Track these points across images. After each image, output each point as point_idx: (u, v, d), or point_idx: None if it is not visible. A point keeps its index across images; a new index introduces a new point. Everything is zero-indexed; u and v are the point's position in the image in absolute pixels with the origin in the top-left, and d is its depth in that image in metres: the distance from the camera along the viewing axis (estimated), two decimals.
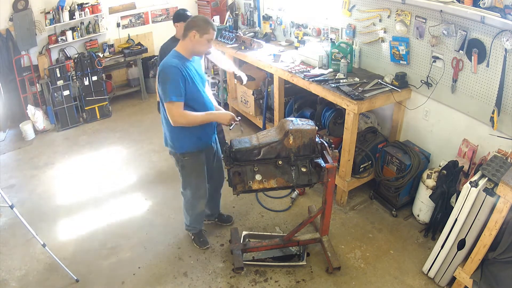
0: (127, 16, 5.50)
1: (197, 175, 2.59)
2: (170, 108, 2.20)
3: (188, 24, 2.25)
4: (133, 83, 5.71)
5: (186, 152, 2.47)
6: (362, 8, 3.39)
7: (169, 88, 2.16)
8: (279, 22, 4.58)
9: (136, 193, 3.60)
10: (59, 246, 2.94)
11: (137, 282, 2.64)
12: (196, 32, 2.21)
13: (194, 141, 2.44)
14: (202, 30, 2.22)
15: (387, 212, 3.25)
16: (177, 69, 2.17)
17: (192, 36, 2.22)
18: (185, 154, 2.47)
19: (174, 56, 2.25)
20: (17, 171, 4.02)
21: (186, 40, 2.25)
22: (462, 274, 2.34)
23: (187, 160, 2.50)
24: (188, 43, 2.25)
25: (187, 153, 2.47)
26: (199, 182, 2.63)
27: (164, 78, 2.18)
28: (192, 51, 2.29)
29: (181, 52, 2.28)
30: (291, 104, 3.99)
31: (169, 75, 2.16)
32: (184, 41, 2.27)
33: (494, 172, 2.18)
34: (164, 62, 2.22)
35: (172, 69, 2.17)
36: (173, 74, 2.16)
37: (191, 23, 2.24)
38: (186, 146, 2.45)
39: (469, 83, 2.72)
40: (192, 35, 2.22)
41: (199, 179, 2.62)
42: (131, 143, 4.51)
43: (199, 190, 2.66)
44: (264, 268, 2.72)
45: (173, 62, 2.19)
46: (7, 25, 4.54)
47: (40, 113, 4.76)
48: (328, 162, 2.27)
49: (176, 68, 2.17)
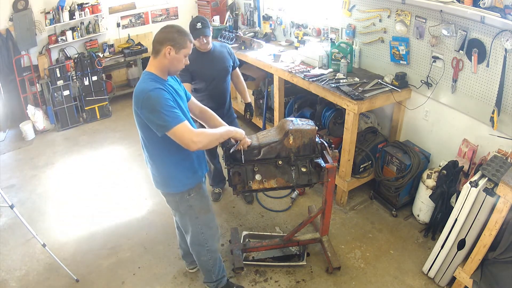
0: (127, 16, 5.50)
1: (206, 210, 2.20)
2: (180, 134, 1.78)
3: (159, 38, 1.84)
4: (133, 83, 5.71)
5: (190, 189, 2.08)
6: (362, 8, 3.39)
7: (166, 113, 1.75)
8: (279, 22, 4.58)
9: (136, 193, 3.61)
10: (59, 246, 2.94)
11: (137, 282, 2.65)
12: (171, 47, 1.82)
13: (191, 175, 2.07)
14: (178, 44, 1.83)
15: (387, 212, 3.25)
16: (162, 90, 1.80)
17: (166, 53, 1.82)
18: (190, 191, 2.08)
19: (150, 79, 1.84)
20: (17, 171, 4.02)
21: (160, 58, 1.85)
22: (462, 274, 2.34)
23: (194, 197, 2.10)
24: (163, 61, 1.85)
25: (191, 189, 2.08)
26: (210, 217, 2.24)
27: (152, 105, 1.75)
28: (168, 70, 1.90)
29: (155, 73, 1.87)
30: (291, 104, 3.99)
31: (157, 99, 1.76)
32: (157, 59, 1.86)
33: (494, 172, 2.18)
34: (142, 88, 1.80)
35: (157, 92, 1.77)
36: (161, 97, 1.77)
37: (163, 36, 1.84)
38: (187, 182, 2.06)
39: (469, 83, 2.72)
40: (166, 51, 1.82)
41: (209, 214, 2.22)
42: (131, 143, 4.51)
43: (212, 228, 2.27)
44: (264, 268, 2.72)
45: (153, 85, 1.80)
46: (7, 25, 4.54)
47: (40, 113, 4.76)
48: (328, 162, 2.27)
49: (161, 90, 1.80)
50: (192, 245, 2.29)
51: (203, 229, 2.20)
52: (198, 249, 2.29)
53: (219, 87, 2.95)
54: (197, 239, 2.24)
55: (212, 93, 2.93)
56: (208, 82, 2.88)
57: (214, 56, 2.88)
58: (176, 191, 2.06)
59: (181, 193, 2.06)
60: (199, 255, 2.32)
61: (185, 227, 2.24)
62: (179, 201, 2.09)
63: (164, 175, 2.05)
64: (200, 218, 2.16)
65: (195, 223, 2.17)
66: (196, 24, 2.73)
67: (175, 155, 1.97)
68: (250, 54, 4.07)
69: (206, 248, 2.27)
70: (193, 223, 2.17)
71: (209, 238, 2.25)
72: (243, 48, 4.24)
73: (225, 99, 3.04)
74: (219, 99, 2.99)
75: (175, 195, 2.08)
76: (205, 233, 2.22)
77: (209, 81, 2.88)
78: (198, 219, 2.16)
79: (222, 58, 2.92)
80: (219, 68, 2.90)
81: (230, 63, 2.98)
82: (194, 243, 2.27)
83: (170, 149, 1.94)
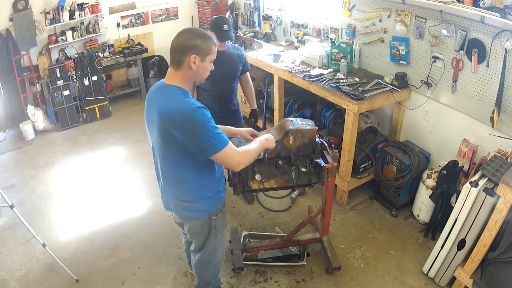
0: (127, 16, 5.49)
1: (224, 227, 2.09)
2: (227, 158, 1.66)
3: (179, 47, 1.63)
4: (133, 83, 5.72)
5: (218, 209, 1.95)
6: (362, 8, 3.39)
7: (212, 135, 1.59)
8: (279, 22, 4.58)
9: (137, 193, 3.61)
10: (59, 246, 2.94)
11: (137, 282, 2.64)
12: (196, 55, 1.62)
13: (218, 194, 1.94)
14: (202, 51, 1.63)
15: (387, 212, 3.25)
16: (203, 109, 1.61)
17: (191, 63, 1.63)
18: (217, 211, 1.94)
19: (183, 95, 1.65)
20: (17, 171, 4.02)
21: (184, 70, 1.65)
22: (462, 274, 2.34)
23: (219, 217, 1.97)
24: (187, 73, 1.66)
25: (218, 209, 1.95)
26: (225, 232, 2.13)
27: (196, 128, 1.57)
28: (194, 81, 1.72)
29: (182, 87, 1.68)
30: (291, 104, 3.99)
31: (201, 122, 1.58)
32: (180, 71, 1.65)
33: (494, 172, 2.18)
34: (179, 108, 1.59)
35: (200, 112, 1.58)
36: (204, 118, 1.58)
37: (184, 44, 1.62)
38: (216, 202, 1.93)
39: (469, 83, 2.72)
40: (191, 61, 1.62)
41: (225, 229, 2.12)
42: (131, 143, 4.51)
43: (224, 242, 2.18)
44: (264, 268, 2.72)
45: (192, 104, 1.60)
46: (7, 25, 4.54)
47: (40, 113, 4.76)
48: (328, 162, 2.27)
49: (202, 109, 1.60)
50: (200, 262, 2.13)
51: (218, 246, 2.07)
52: (204, 265, 2.14)
53: (224, 89, 2.89)
54: (207, 256, 2.09)
55: (216, 94, 2.86)
56: (213, 82, 2.78)
57: (225, 57, 2.78)
58: (205, 215, 1.90)
59: (208, 215, 1.91)
60: (203, 270, 2.17)
61: (200, 247, 2.05)
62: (206, 223, 1.93)
63: (193, 200, 1.86)
64: (218, 236, 2.03)
65: (212, 242, 2.02)
66: (223, 25, 2.63)
67: (204, 177, 1.84)
68: (250, 54, 4.07)
69: (213, 263, 2.14)
70: (211, 242, 2.02)
71: (218, 254, 2.12)
72: (243, 48, 4.24)
73: (230, 101, 2.97)
74: (224, 101, 2.92)
75: (201, 219, 1.91)
76: (217, 249, 2.09)
77: (214, 81, 2.77)
78: (217, 237, 2.03)
79: (231, 61, 2.85)
80: (227, 70, 2.83)
81: (239, 67, 2.90)
82: (203, 260, 2.11)
83: (200, 172, 1.80)
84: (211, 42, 1.67)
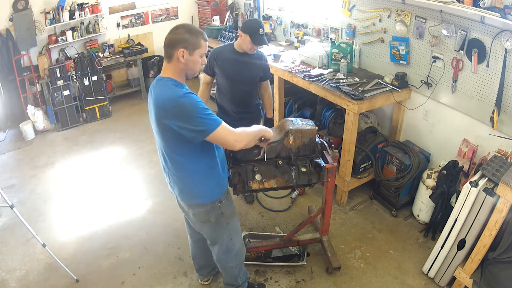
0: (127, 16, 5.50)
1: (234, 214, 2.15)
2: (223, 136, 1.71)
3: (170, 41, 1.71)
4: (133, 83, 5.72)
5: (222, 196, 2.00)
6: (362, 8, 3.39)
7: (203, 117, 1.65)
8: (279, 22, 4.59)
9: (137, 193, 3.61)
10: (59, 246, 2.94)
11: (137, 282, 2.64)
12: (184, 49, 1.69)
13: (220, 183, 1.99)
14: (190, 45, 1.70)
15: (387, 212, 3.25)
16: (191, 94, 1.70)
17: (179, 56, 1.70)
18: (222, 198, 2.00)
19: (173, 85, 1.72)
20: (17, 171, 4.02)
21: (174, 62, 1.73)
22: (462, 274, 2.34)
23: (224, 204, 2.02)
24: (178, 65, 1.73)
25: (222, 196, 2.01)
26: (237, 220, 2.19)
27: (187, 112, 1.64)
28: (185, 73, 1.78)
29: (174, 78, 1.76)
30: (291, 104, 3.99)
31: (191, 105, 1.65)
32: (171, 63, 1.74)
33: (494, 172, 2.18)
34: (169, 96, 1.68)
35: (188, 97, 1.67)
36: (194, 101, 1.67)
37: (173, 38, 1.71)
38: (218, 190, 1.99)
39: (469, 83, 2.72)
40: (179, 54, 1.69)
41: (236, 217, 2.17)
42: (131, 143, 4.51)
43: (239, 231, 2.24)
44: (264, 268, 2.72)
45: (181, 91, 1.69)
46: (7, 25, 4.54)
47: (40, 113, 4.76)
48: (328, 162, 2.27)
49: (190, 94, 1.70)
50: (220, 255, 2.18)
51: (232, 235, 2.14)
52: (226, 258, 2.19)
53: (241, 92, 2.87)
54: (226, 247, 2.15)
55: (233, 95, 2.86)
56: (230, 81, 2.80)
57: (247, 61, 2.77)
58: (207, 202, 1.96)
59: (212, 202, 1.96)
60: (226, 263, 2.23)
61: (215, 238, 2.13)
62: (210, 210, 1.98)
63: (194, 187, 1.93)
64: (230, 223, 2.09)
65: (225, 231, 2.09)
66: (259, 29, 2.62)
67: (204, 164, 1.88)
68: None
69: (234, 253, 2.19)
70: (223, 231, 2.09)
71: (236, 242, 2.18)
72: None
73: (245, 105, 2.95)
74: (240, 103, 2.91)
75: (205, 205, 1.96)
76: (234, 238, 2.15)
77: (231, 81, 2.80)
78: (228, 225, 2.09)
79: (253, 66, 2.82)
80: (247, 75, 2.82)
81: (259, 72, 2.88)
82: (222, 251, 2.16)
83: (200, 159, 1.85)
84: (201, 37, 1.74)
